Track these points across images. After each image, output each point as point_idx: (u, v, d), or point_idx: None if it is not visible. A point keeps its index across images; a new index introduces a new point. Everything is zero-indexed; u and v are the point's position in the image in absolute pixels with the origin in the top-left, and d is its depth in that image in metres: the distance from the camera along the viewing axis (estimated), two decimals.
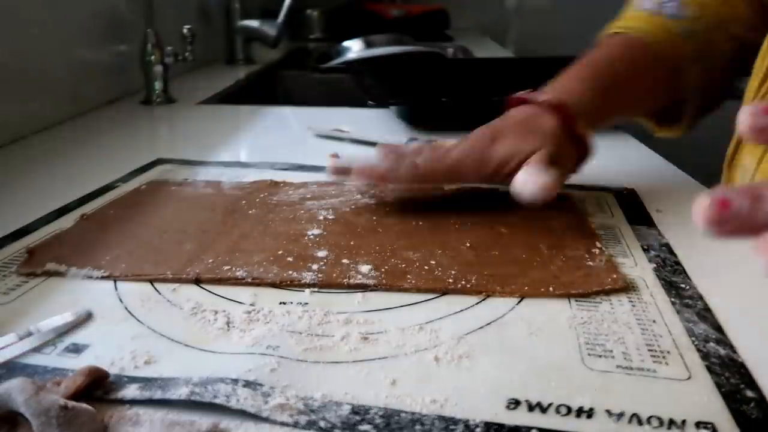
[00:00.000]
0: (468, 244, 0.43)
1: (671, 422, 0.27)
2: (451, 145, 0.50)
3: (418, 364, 0.31)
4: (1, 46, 0.71)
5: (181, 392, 0.28)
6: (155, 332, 0.33)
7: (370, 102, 0.82)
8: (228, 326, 0.34)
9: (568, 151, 0.50)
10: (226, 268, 0.40)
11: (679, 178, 0.61)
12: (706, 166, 0.64)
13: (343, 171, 0.50)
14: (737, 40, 0.58)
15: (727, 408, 0.28)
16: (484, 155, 0.48)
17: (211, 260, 0.41)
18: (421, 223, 0.47)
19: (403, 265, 0.40)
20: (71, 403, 0.25)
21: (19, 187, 0.57)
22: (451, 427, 0.26)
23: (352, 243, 0.43)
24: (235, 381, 0.29)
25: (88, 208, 0.51)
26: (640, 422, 0.27)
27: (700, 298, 0.37)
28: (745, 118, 0.24)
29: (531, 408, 0.28)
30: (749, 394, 0.29)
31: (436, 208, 0.50)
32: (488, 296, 0.37)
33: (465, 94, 0.91)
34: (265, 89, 1.31)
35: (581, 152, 0.51)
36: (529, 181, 0.45)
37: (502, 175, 0.48)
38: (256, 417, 0.27)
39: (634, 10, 0.59)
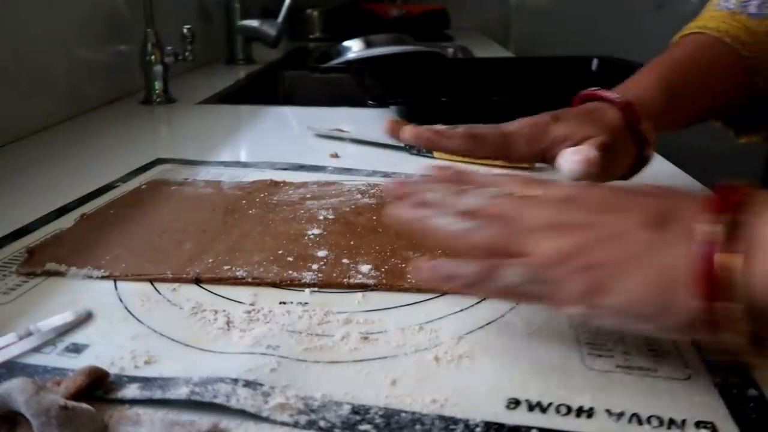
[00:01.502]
0: None
1: (671, 422, 0.27)
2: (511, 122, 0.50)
3: (418, 364, 0.31)
4: (1, 46, 0.71)
5: (181, 392, 0.28)
6: (155, 332, 0.33)
7: (370, 102, 0.81)
8: (228, 326, 0.34)
9: (627, 149, 0.49)
10: (226, 267, 0.40)
11: (678, 178, 0.61)
12: (707, 166, 0.64)
13: (396, 129, 0.49)
14: None
15: (727, 408, 0.28)
16: (540, 131, 0.48)
17: (211, 260, 0.41)
18: None
19: (403, 265, 0.40)
20: (71, 403, 0.25)
21: (19, 187, 0.57)
22: (451, 426, 0.26)
23: (352, 243, 0.43)
24: (235, 381, 0.29)
25: (88, 207, 0.51)
26: (640, 422, 0.27)
27: None
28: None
29: (531, 408, 0.28)
30: (749, 393, 0.29)
31: None
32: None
33: (465, 94, 0.91)
34: (265, 89, 1.30)
35: (640, 155, 0.49)
36: (570, 155, 0.45)
37: (552, 153, 0.47)
38: (256, 417, 0.27)
39: (714, 9, 0.57)
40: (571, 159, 0.45)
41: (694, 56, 0.55)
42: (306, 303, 0.36)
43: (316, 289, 0.38)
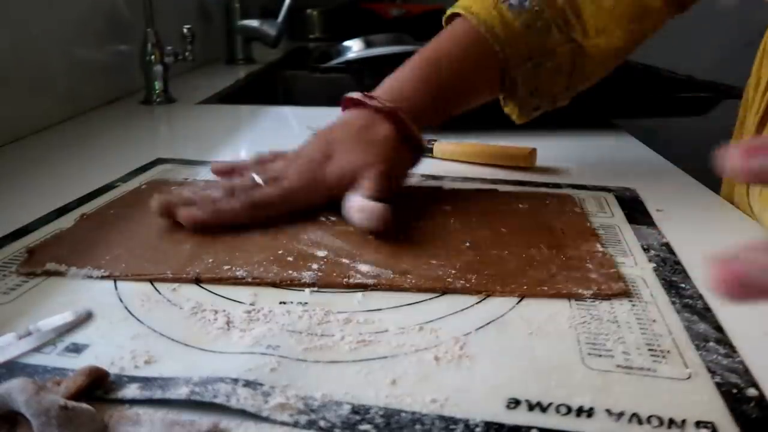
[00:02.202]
0: (468, 244, 0.43)
1: (671, 422, 0.27)
2: (284, 163, 0.49)
3: (418, 364, 0.31)
4: (1, 46, 0.71)
5: (181, 392, 0.28)
6: (155, 332, 0.33)
7: None
8: (228, 326, 0.34)
9: (404, 156, 0.51)
10: (226, 267, 0.40)
11: (679, 178, 0.61)
12: (707, 166, 0.64)
13: (168, 211, 0.45)
14: (576, 43, 0.55)
15: (727, 408, 0.28)
16: (316, 177, 0.47)
17: (211, 260, 0.41)
18: (421, 223, 0.47)
19: (404, 265, 0.40)
20: (71, 403, 0.25)
21: (19, 187, 0.57)
22: (451, 426, 0.26)
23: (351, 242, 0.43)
24: (235, 381, 0.29)
25: (88, 207, 0.51)
26: (640, 422, 0.27)
27: (700, 297, 0.37)
28: (735, 163, 0.21)
29: (531, 407, 0.28)
30: (749, 393, 0.29)
31: (435, 209, 0.50)
32: (488, 296, 0.37)
33: None
34: (265, 89, 1.31)
35: (416, 154, 0.52)
36: (356, 212, 0.44)
37: (337, 195, 0.47)
38: (256, 417, 0.27)
39: None
40: (357, 216, 0.44)
41: (457, 53, 0.55)
42: (306, 303, 0.36)
43: (316, 289, 0.38)
